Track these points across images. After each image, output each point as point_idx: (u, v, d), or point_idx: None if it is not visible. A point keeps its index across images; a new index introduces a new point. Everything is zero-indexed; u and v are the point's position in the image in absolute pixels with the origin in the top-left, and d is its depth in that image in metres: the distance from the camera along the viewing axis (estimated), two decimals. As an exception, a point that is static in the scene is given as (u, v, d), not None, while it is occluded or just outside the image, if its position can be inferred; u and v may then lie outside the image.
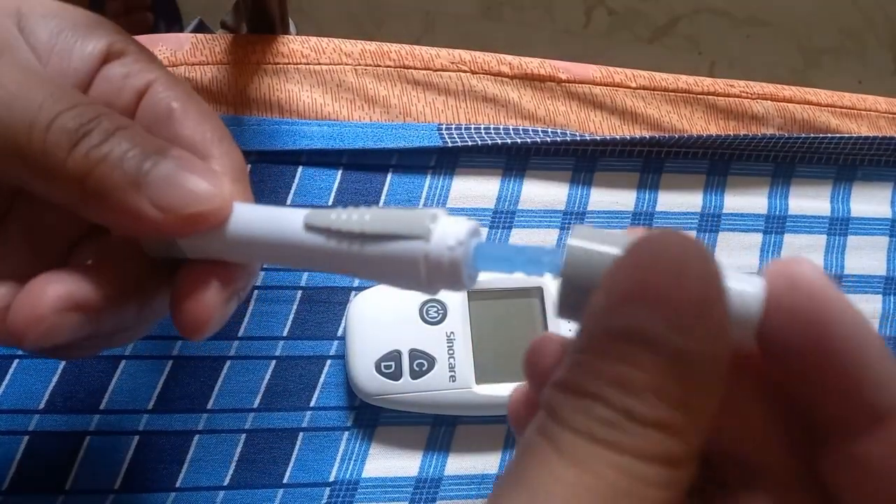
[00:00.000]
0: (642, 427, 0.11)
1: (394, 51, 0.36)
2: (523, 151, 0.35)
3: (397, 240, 0.16)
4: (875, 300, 0.37)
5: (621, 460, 0.11)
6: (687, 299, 0.11)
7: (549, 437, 0.12)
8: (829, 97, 0.40)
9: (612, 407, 0.11)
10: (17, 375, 0.30)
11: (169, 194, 0.17)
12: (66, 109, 0.17)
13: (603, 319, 0.12)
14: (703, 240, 0.36)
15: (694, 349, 0.11)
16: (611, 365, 0.11)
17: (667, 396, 0.11)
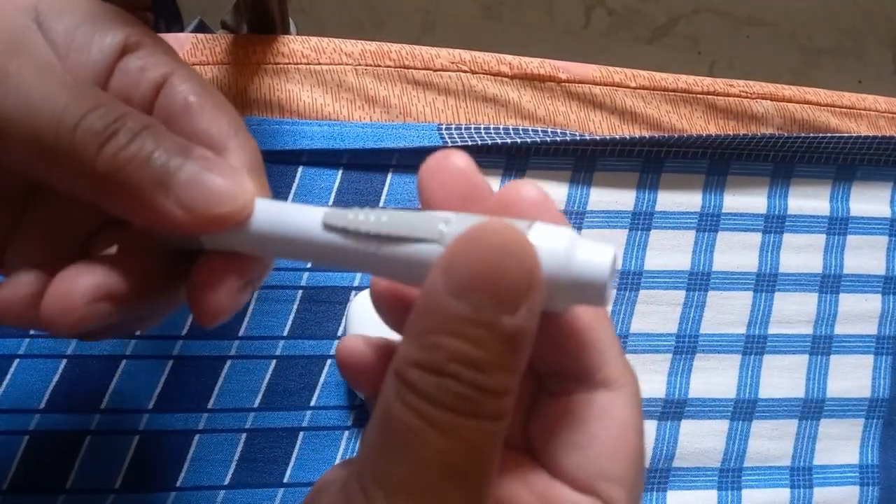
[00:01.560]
0: (488, 395, 0.14)
1: (394, 51, 0.36)
2: (523, 151, 0.35)
3: (412, 242, 0.16)
4: (874, 299, 0.37)
5: (476, 423, 0.14)
6: (519, 288, 0.14)
7: (415, 408, 0.14)
8: (828, 97, 0.40)
9: (465, 383, 0.14)
10: (17, 375, 0.30)
11: (194, 195, 0.17)
12: (91, 109, 0.17)
13: (448, 303, 0.14)
14: (702, 239, 0.36)
15: (521, 327, 0.14)
16: (460, 346, 0.14)
17: (504, 367, 0.14)
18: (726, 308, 0.36)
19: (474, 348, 0.14)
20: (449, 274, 0.14)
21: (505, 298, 0.14)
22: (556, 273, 0.15)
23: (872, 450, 0.36)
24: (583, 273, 0.15)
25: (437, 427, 0.14)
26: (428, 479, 0.14)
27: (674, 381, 0.35)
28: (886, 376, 0.37)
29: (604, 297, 0.16)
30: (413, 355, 0.14)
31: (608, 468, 0.16)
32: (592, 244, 0.16)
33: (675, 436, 0.34)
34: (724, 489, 0.34)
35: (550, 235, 0.16)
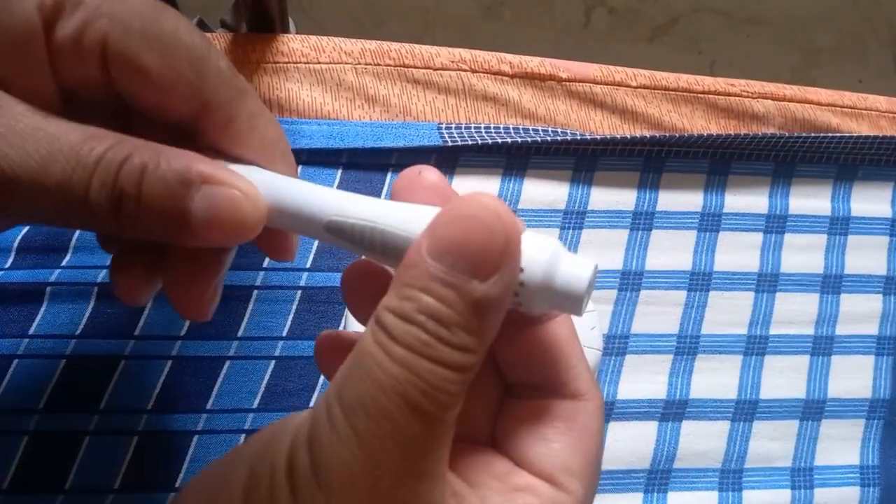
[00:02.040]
0: (449, 348, 0.15)
1: (394, 50, 0.36)
2: (523, 150, 0.35)
3: None
4: (875, 300, 0.37)
5: (433, 366, 0.15)
6: (491, 258, 0.16)
7: (383, 346, 0.16)
8: (829, 96, 0.40)
9: (429, 333, 0.15)
10: (17, 375, 0.30)
11: (212, 227, 0.19)
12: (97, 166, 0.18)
13: (426, 262, 0.16)
14: (703, 239, 0.36)
15: (490, 294, 0.16)
16: (429, 301, 0.15)
17: (467, 329, 0.16)
18: (727, 308, 0.36)
19: (441, 305, 0.15)
20: (431, 235, 0.16)
21: (478, 265, 0.16)
22: (537, 280, 0.17)
23: (873, 450, 0.36)
24: (563, 284, 0.17)
25: (396, 359, 0.15)
26: (384, 404, 0.15)
27: (675, 382, 0.35)
28: (887, 377, 0.37)
29: (581, 307, 0.17)
30: (390, 302, 0.16)
31: (570, 462, 0.17)
32: (575, 257, 0.17)
33: (676, 437, 0.34)
34: (725, 490, 0.34)
35: (537, 243, 0.17)
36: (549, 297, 0.17)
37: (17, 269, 0.31)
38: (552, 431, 0.18)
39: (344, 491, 0.15)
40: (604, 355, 0.34)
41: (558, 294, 0.17)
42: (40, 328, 0.30)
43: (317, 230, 0.19)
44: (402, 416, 0.15)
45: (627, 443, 0.34)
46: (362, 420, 0.15)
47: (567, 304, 0.17)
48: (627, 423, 0.34)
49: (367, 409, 0.15)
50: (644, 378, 0.34)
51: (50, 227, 0.31)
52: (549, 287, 0.17)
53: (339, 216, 0.18)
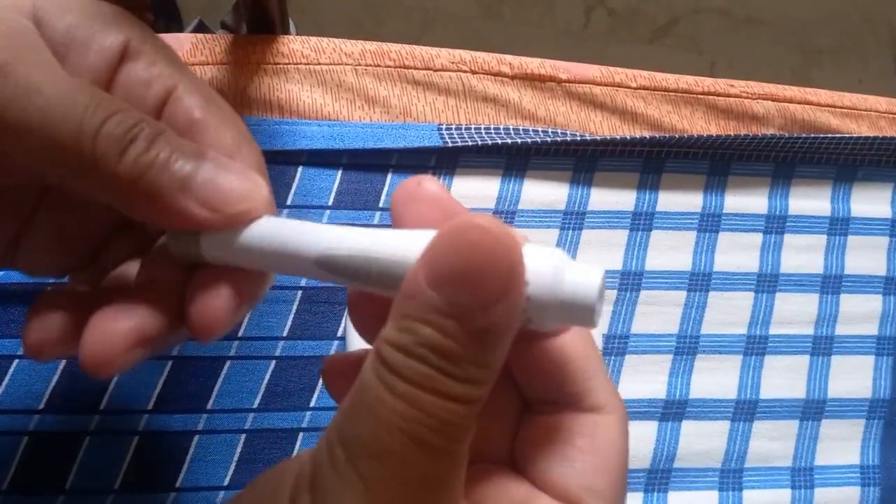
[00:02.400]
0: (454, 381, 0.15)
1: (394, 51, 0.36)
2: (523, 151, 0.35)
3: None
4: (875, 300, 0.37)
5: (438, 401, 0.14)
6: (494, 287, 0.15)
7: (385, 381, 0.15)
8: (829, 97, 0.40)
9: (431, 366, 0.15)
10: (17, 375, 0.30)
11: (214, 194, 0.18)
12: (110, 116, 0.17)
13: (424, 293, 0.15)
14: (703, 240, 0.36)
15: (495, 324, 0.15)
16: (430, 333, 0.15)
17: (472, 360, 0.15)
18: (727, 308, 0.36)
19: (443, 337, 0.15)
20: (429, 264, 0.15)
21: (480, 294, 0.15)
22: (545, 294, 0.16)
23: (873, 450, 0.36)
24: (572, 295, 0.16)
25: (398, 394, 0.15)
26: (388, 442, 0.14)
27: (675, 382, 0.35)
28: (887, 377, 0.37)
29: (593, 318, 0.16)
30: (389, 334, 0.15)
31: (594, 482, 0.16)
32: (581, 266, 0.16)
33: (676, 436, 0.34)
34: (725, 490, 0.34)
35: (539, 256, 0.16)
36: (559, 310, 0.16)
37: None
38: (573, 450, 0.17)
39: None
40: (604, 355, 0.34)
41: (568, 306, 0.16)
42: (41, 328, 0.30)
43: (306, 266, 0.18)
44: (409, 454, 0.14)
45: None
46: (366, 461, 0.14)
47: (578, 316, 0.16)
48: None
49: (370, 448, 0.15)
50: (644, 378, 0.34)
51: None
52: (558, 300, 0.16)
53: (329, 249, 0.18)
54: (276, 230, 0.19)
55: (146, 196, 0.18)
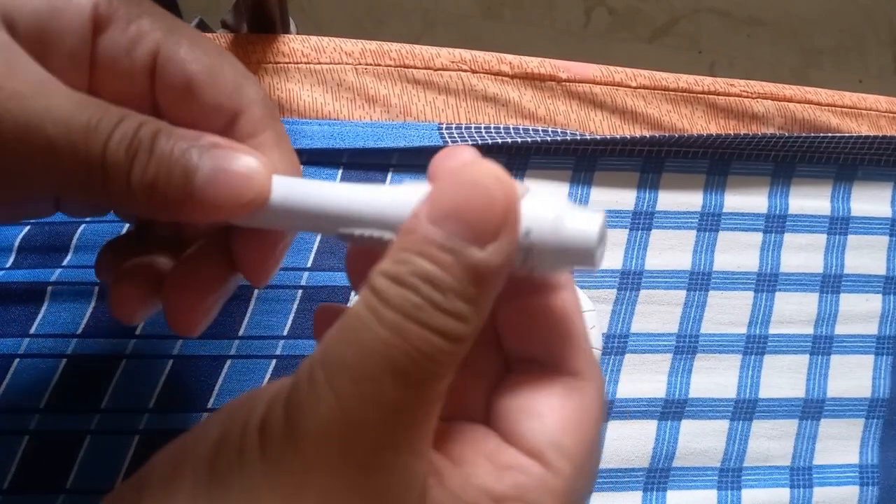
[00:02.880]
0: (442, 314, 0.15)
1: (394, 50, 0.36)
2: (523, 151, 0.35)
3: None
4: (875, 300, 0.37)
5: (424, 332, 0.15)
6: (490, 225, 0.15)
7: (373, 309, 0.15)
8: (829, 96, 0.40)
9: (422, 296, 0.15)
10: (18, 375, 0.30)
11: (220, 192, 0.18)
12: (112, 131, 0.18)
13: (424, 228, 0.15)
14: (703, 239, 0.36)
15: (489, 261, 0.15)
16: (425, 265, 0.15)
17: (463, 295, 0.15)
18: (727, 308, 0.36)
19: (437, 269, 0.15)
20: (431, 202, 0.16)
21: (477, 232, 0.15)
22: (546, 237, 0.16)
23: (872, 450, 0.36)
24: (573, 237, 0.16)
25: (385, 322, 0.15)
26: (369, 367, 0.14)
27: (674, 381, 0.35)
28: (886, 376, 0.37)
29: (594, 259, 0.16)
30: (384, 266, 0.15)
31: (561, 440, 0.17)
32: (582, 211, 0.17)
33: (676, 436, 0.34)
34: (724, 489, 0.34)
35: (542, 202, 0.17)
36: (561, 253, 0.16)
37: (19, 268, 0.31)
38: (545, 407, 0.17)
39: (317, 451, 0.15)
40: (603, 354, 0.34)
41: (569, 249, 0.16)
42: (41, 328, 0.30)
43: (329, 231, 0.19)
44: (387, 381, 0.14)
45: (627, 441, 0.34)
46: (345, 382, 0.15)
47: (580, 257, 0.16)
48: (627, 422, 0.34)
49: (350, 370, 0.15)
50: (643, 377, 0.34)
51: (51, 227, 0.31)
52: (559, 243, 0.16)
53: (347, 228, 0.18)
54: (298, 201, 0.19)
55: (154, 204, 0.18)
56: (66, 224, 0.31)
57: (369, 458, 0.15)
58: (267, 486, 0.15)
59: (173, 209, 0.18)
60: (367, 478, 0.15)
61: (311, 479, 0.15)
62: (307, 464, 0.15)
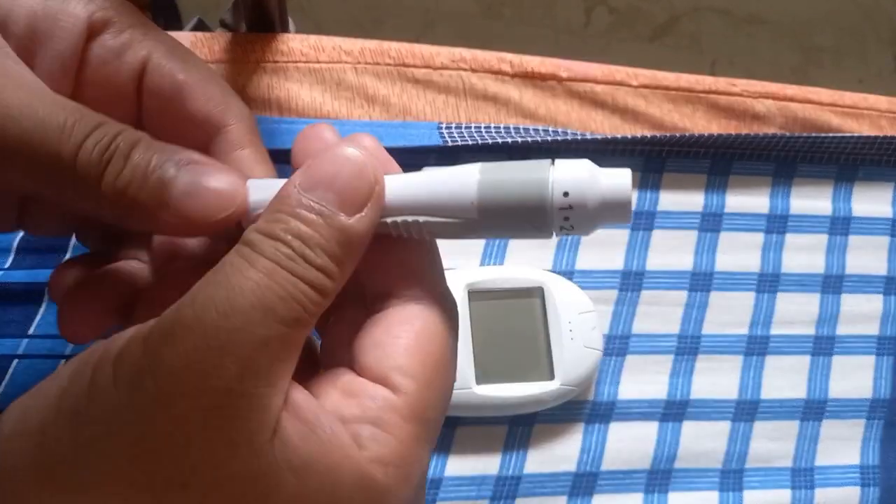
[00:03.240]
0: (311, 266, 0.16)
1: (394, 49, 0.36)
2: (524, 151, 0.35)
3: None
4: (876, 300, 0.37)
5: (292, 278, 0.16)
6: (358, 196, 0.17)
7: (246, 257, 0.16)
8: (830, 96, 0.40)
9: (294, 249, 0.16)
10: (17, 375, 0.30)
11: (190, 206, 0.18)
12: (88, 134, 0.18)
13: (300, 192, 0.17)
14: (704, 239, 0.36)
15: (355, 227, 0.17)
16: (298, 223, 0.16)
17: (329, 253, 0.16)
18: (728, 309, 0.36)
19: (308, 228, 0.16)
20: (306, 173, 0.17)
21: (346, 201, 0.17)
22: (587, 196, 0.17)
23: (874, 450, 0.36)
24: (611, 194, 0.17)
25: (258, 267, 0.16)
26: (238, 302, 0.15)
27: (676, 383, 0.35)
28: (888, 377, 0.37)
29: (629, 214, 0.17)
30: (258, 224, 0.17)
31: (402, 362, 0.18)
32: (611, 169, 0.17)
33: (677, 437, 0.34)
34: (726, 490, 0.34)
35: (574, 166, 0.17)
36: (600, 209, 0.17)
37: (17, 269, 0.31)
38: (389, 338, 0.18)
39: (176, 377, 0.15)
40: (605, 356, 0.34)
41: (608, 204, 0.17)
42: (40, 328, 0.30)
43: None
44: (256, 315, 0.15)
45: (628, 443, 0.33)
46: (213, 315, 0.15)
47: (618, 211, 0.17)
48: (628, 424, 0.34)
49: (219, 305, 0.15)
50: (645, 378, 0.34)
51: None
52: (598, 200, 0.17)
53: None
54: None
55: (129, 211, 0.18)
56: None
57: (232, 384, 0.15)
58: (121, 415, 0.15)
59: (146, 218, 0.18)
60: (225, 405, 0.15)
61: (169, 408, 0.15)
62: (165, 392, 0.15)
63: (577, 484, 0.33)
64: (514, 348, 0.32)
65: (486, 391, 0.31)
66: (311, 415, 0.16)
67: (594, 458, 0.33)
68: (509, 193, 0.17)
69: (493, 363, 0.31)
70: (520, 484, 0.32)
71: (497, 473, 0.32)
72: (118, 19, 0.20)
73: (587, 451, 0.33)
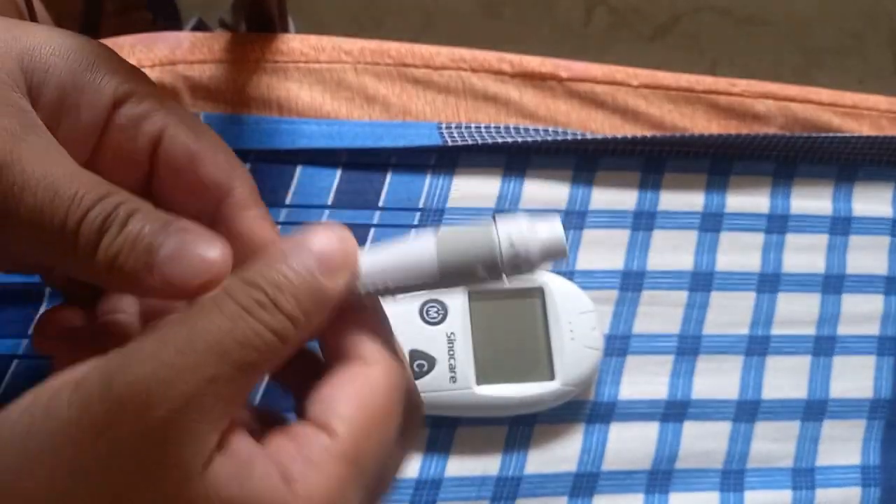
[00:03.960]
0: (279, 312, 0.17)
1: (393, 49, 0.36)
2: (524, 151, 0.35)
3: None
4: (876, 300, 0.37)
5: (256, 325, 0.17)
6: (336, 263, 0.19)
7: (217, 302, 0.17)
8: (830, 96, 0.40)
9: (267, 295, 0.17)
10: (17, 376, 0.30)
11: (174, 271, 0.19)
12: (93, 205, 0.19)
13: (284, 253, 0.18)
14: (705, 239, 0.36)
15: (330, 289, 0.19)
16: (278, 275, 0.18)
17: (300, 303, 0.18)
18: (729, 309, 0.35)
19: (283, 278, 0.18)
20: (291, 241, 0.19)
21: (325, 264, 0.19)
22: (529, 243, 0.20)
23: (874, 451, 0.36)
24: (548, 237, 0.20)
25: (225, 312, 0.17)
26: (196, 343, 0.16)
27: (676, 383, 0.35)
28: (889, 377, 0.37)
29: (566, 249, 0.20)
30: (241, 273, 0.18)
31: (342, 411, 0.19)
32: (542, 218, 0.20)
33: (678, 437, 0.34)
34: (727, 491, 0.34)
35: (512, 220, 0.20)
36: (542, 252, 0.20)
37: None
38: (334, 389, 0.19)
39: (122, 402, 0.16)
40: (605, 356, 0.34)
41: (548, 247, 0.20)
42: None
43: None
44: (210, 358, 0.16)
45: (629, 443, 0.33)
46: (170, 351, 0.16)
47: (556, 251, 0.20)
48: (629, 424, 0.34)
49: (177, 343, 0.16)
50: (645, 379, 0.34)
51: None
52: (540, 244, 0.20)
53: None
54: None
55: (119, 278, 0.19)
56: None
57: (173, 414, 0.16)
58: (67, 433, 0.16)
59: (132, 282, 0.19)
60: (162, 433, 0.16)
61: (110, 429, 0.16)
62: (110, 415, 0.16)
63: (578, 484, 0.33)
64: (515, 348, 0.32)
65: (487, 391, 0.31)
66: (244, 455, 0.17)
67: (595, 458, 0.33)
68: (465, 256, 0.20)
69: (493, 363, 0.31)
70: (520, 484, 0.32)
71: (497, 474, 0.32)
72: (138, 90, 0.22)
73: (588, 451, 0.33)
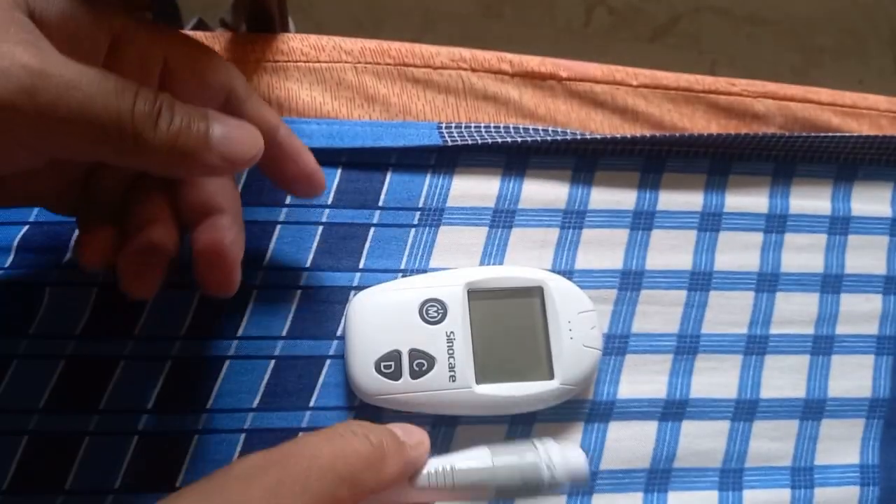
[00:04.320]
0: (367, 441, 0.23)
1: (394, 49, 0.36)
2: (524, 150, 0.35)
3: None
4: (875, 300, 0.37)
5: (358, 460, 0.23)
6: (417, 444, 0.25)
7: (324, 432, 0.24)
8: (830, 96, 0.40)
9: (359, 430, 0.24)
10: (16, 375, 0.30)
11: (230, 149, 0.23)
12: (136, 95, 0.21)
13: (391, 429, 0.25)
14: (704, 239, 0.36)
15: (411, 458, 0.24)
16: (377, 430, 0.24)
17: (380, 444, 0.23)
18: (728, 308, 0.36)
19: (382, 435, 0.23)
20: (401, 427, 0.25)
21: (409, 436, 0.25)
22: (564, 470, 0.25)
23: (873, 450, 0.36)
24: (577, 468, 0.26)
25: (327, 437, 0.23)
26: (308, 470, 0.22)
27: (675, 382, 0.35)
28: (887, 376, 0.37)
29: (588, 480, 0.27)
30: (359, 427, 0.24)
31: None
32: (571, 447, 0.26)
33: (676, 437, 0.34)
34: (725, 490, 0.34)
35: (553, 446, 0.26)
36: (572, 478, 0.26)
37: (18, 268, 0.31)
38: None
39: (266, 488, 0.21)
40: (604, 355, 0.34)
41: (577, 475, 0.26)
42: (40, 328, 0.30)
43: None
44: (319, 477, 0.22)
45: (627, 442, 0.34)
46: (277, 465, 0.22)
47: (582, 478, 0.26)
48: (627, 423, 0.34)
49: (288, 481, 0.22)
50: (644, 378, 0.34)
51: (50, 227, 0.31)
52: (572, 473, 0.26)
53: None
54: None
55: (180, 159, 0.22)
56: (65, 224, 0.31)
57: None
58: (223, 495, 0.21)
59: (190, 161, 0.22)
60: None
61: None
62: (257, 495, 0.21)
63: (577, 483, 0.33)
64: (514, 348, 0.32)
65: (486, 390, 0.31)
66: None
67: (594, 457, 0.33)
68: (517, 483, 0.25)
69: (492, 363, 0.31)
70: (519, 483, 0.32)
71: (497, 473, 0.32)
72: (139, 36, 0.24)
73: (587, 450, 0.33)
